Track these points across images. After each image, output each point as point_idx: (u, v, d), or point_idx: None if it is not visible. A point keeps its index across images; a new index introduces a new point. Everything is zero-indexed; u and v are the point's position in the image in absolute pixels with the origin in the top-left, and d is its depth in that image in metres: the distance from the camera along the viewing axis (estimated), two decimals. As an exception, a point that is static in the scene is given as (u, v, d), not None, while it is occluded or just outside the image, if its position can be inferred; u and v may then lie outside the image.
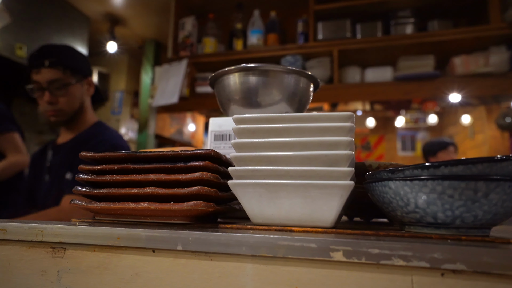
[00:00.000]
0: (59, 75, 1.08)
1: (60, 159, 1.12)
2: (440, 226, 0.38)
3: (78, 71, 1.14)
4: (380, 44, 1.98)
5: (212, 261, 0.37)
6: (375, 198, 0.42)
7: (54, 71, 1.08)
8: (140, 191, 0.43)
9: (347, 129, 0.41)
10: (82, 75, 1.16)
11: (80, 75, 1.15)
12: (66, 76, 1.10)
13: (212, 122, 0.66)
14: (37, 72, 1.08)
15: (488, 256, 0.29)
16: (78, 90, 1.14)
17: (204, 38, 2.29)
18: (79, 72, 1.14)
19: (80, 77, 1.15)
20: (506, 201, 0.35)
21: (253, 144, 0.43)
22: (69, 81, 1.10)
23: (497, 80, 1.80)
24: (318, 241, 0.34)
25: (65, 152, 1.12)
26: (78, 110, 1.15)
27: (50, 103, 1.09)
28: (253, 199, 0.42)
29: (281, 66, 0.61)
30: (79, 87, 1.15)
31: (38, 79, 1.08)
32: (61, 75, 1.09)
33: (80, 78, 1.14)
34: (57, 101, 1.09)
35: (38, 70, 1.08)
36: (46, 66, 1.07)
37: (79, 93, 1.14)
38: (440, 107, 3.33)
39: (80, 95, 1.15)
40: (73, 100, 1.12)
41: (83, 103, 1.17)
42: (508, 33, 1.78)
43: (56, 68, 1.08)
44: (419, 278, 0.32)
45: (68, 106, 1.11)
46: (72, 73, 1.11)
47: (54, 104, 1.09)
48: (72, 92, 1.12)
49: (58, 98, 1.09)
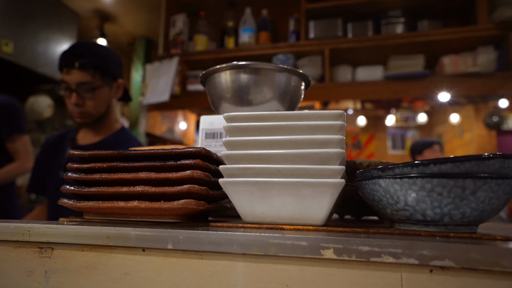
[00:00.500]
0: (88, 78, 1.05)
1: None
2: (429, 223, 0.38)
3: (108, 74, 1.10)
4: (371, 43, 1.99)
5: (203, 260, 0.37)
6: (365, 196, 0.43)
7: (83, 74, 1.04)
8: (130, 189, 0.43)
9: (337, 127, 0.41)
10: (112, 78, 1.12)
11: (110, 78, 1.11)
12: (95, 79, 1.06)
13: (203, 120, 0.65)
14: (67, 72, 1.05)
15: (475, 252, 0.30)
16: (106, 93, 1.11)
17: (196, 36, 2.28)
18: (109, 75, 1.10)
19: (110, 80, 1.11)
20: (492, 198, 0.36)
21: (244, 142, 0.43)
22: (98, 84, 1.07)
23: (484, 80, 1.83)
24: (309, 239, 0.34)
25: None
26: (104, 113, 1.12)
27: (77, 105, 1.06)
28: (244, 197, 0.42)
29: (272, 64, 0.61)
30: (107, 90, 1.11)
31: (67, 79, 1.05)
32: (91, 78, 1.05)
33: (109, 81, 1.11)
34: (84, 103, 1.06)
35: (68, 70, 1.04)
36: (76, 67, 1.03)
37: (107, 96, 1.11)
38: (429, 106, 3.37)
39: (108, 98, 1.12)
40: (100, 104, 1.09)
41: (110, 106, 1.14)
42: (496, 33, 1.81)
43: (86, 70, 1.04)
44: (408, 274, 0.32)
45: (94, 109, 1.08)
46: (102, 76, 1.08)
47: (81, 106, 1.06)
48: (100, 96, 1.08)
49: (85, 101, 1.06)
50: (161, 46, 2.37)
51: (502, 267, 0.29)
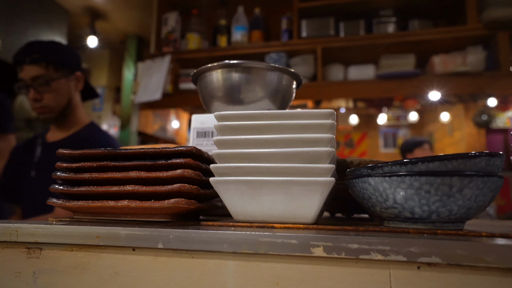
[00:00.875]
0: (41, 71, 1.06)
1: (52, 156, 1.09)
2: (417, 221, 0.39)
3: (63, 66, 1.11)
4: (362, 42, 2.01)
5: (194, 258, 0.37)
6: (355, 194, 0.43)
7: (36, 68, 1.06)
8: (120, 189, 0.42)
9: (328, 126, 0.41)
10: (69, 70, 1.13)
11: (66, 70, 1.12)
12: (49, 72, 1.08)
13: (195, 119, 0.65)
14: (21, 70, 1.06)
15: (461, 249, 0.30)
16: (63, 85, 1.11)
17: (188, 34, 2.27)
18: (64, 67, 1.11)
19: (66, 72, 1.12)
20: (479, 195, 0.36)
21: (235, 141, 0.43)
22: (53, 76, 1.08)
23: (473, 79, 1.86)
24: (299, 237, 0.34)
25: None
26: (66, 106, 1.13)
27: (35, 100, 1.07)
28: (235, 196, 0.42)
29: (264, 63, 0.61)
30: (65, 83, 1.12)
31: (22, 76, 1.06)
32: (44, 71, 1.07)
33: (66, 73, 1.12)
34: (42, 97, 1.07)
35: (22, 68, 1.06)
36: (28, 63, 1.05)
37: (65, 89, 1.12)
38: (420, 104, 3.41)
39: (67, 91, 1.12)
40: (59, 96, 1.10)
41: (72, 99, 1.14)
42: (484, 33, 1.84)
43: (38, 64, 1.06)
44: (397, 271, 0.33)
45: (54, 102, 1.09)
46: (56, 68, 1.09)
47: (39, 101, 1.07)
48: (58, 88, 1.09)
49: (43, 95, 1.07)
50: (153, 44, 2.35)
51: (487, 262, 0.30)
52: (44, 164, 1.10)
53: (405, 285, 0.32)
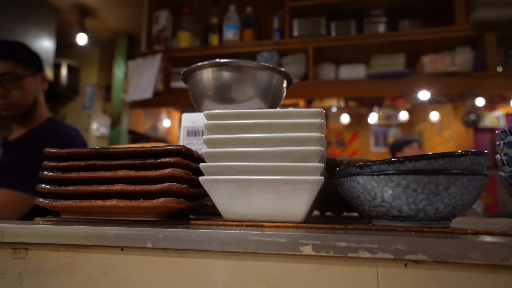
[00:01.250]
0: (11, 67, 1.07)
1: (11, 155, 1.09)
2: (404, 219, 0.39)
3: (31, 65, 1.12)
4: (353, 42, 2.02)
5: (183, 258, 0.37)
6: (344, 192, 0.44)
7: (5, 64, 1.06)
8: (108, 188, 0.42)
9: (317, 125, 0.41)
10: (36, 69, 1.14)
11: (33, 69, 1.13)
12: (18, 69, 1.08)
13: (185, 117, 0.65)
14: None
15: (446, 246, 0.31)
16: (31, 84, 1.12)
17: (179, 32, 2.25)
18: (32, 66, 1.13)
19: (33, 71, 1.13)
20: (464, 194, 0.37)
21: (225, 140, 0.43)
22: (22, 73, 1.09)
23: (462, 79, 1.89)
24: (288, 236, 0.34)
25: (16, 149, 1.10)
26: (32, 105, 1.13)
27: (2, 97, 1.07)
28: (224, 195, 0.42)
29: (254, 62, 0.61)
30: (33, 81, 1.13)
31: None
32: (13, 68, 1.07)
33: (33, 72, 1.13)
34: (9, 94, 1.07)
35: None
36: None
37: (32, 87, 1.12)
38: (410, 104, 3.45)
39: (34, 90, 1.13)
40: (26, 94, 1.10)
41: (37, 98, 1.15)
42: (472, 34, 1.86)
43: (7, 61, 1.07)
44: (384, 269, 0.33)
45: (21, 99, 1.09)
46: (24, 66, 1.10)
47: (6, 97, 1.07)
48: (25, 86, 1.10)
49: (11, 91, 1.07)
50: (144, 42, 2.33)
51: (471, 259, 0.30)
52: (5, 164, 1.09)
53: (392, 283, 0.33)
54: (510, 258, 0.29)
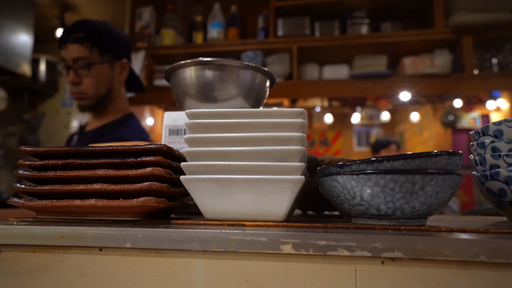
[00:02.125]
0: (84, 52, 0.97)
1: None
2: (382, 217, 0.40)
3: (108, 50, 1.01)
4: (337, 42, 2.05)
5: (163, 257, 0.37)
6: (324, 192, 0.44)
7: (80, 48, 0.97)
8: (86, 187, 0.41)
9: (298, 125, 0.42)
10: (114, 56, 1.03)
11: (111, 56, 1.02)
12: (92, 55, 0.98)
13: (167, 116, 0.64)
14: (64, 48, 0.98)
15: (421, 243, 0.32)
16: (106, 72, 1.01)
17: (163, 30, 2.22)
18: (109, 51, 1.01)
19: (111, 57, 1.02)
20: (439, 192, 0.38)
21: (206, 139, 0.43)
22: (94, 60, 0.99)
23: (440, 80, 1.94)
24: (268, 235, 0.35)
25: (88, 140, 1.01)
26: (105, 95, 1.03)
27: (73, 84, 0.98)
28: (205, 194, 0.42)
29: (237, 61, 0.61)
30: (108, 69, 1.02)
31: (64, 55, 0.98)
32: (87, 53, 0.97)
33: (110, 59, 1.02)
34: (80, 81, 0.98)
35: (65, 46, 0.98)
36: (71, 41, 0.96)
37: (107, 76, 1.02)
38: (392, 104, 3.52)
39: (108, 78, 1.02)
40: (98, 83, 1.00)
41: (112, 88, 1.04)
42: (451, 37, 1.92)
43: (83, 44, 0.97)
44: (362, 266, 0.34)
45: (92, 89, 0.99)
46: (100, 52, 0.99)
47: (77, 85, 0.99)
48: (98, 74, 1.00)
49: (82, 79, 0.98)
50: (126, 39, 2.29)
51: (444, 256, 0.31)
52: None
53: (370, 280, 0.33)
54: (480, 254, 0.31)
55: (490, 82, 1.90)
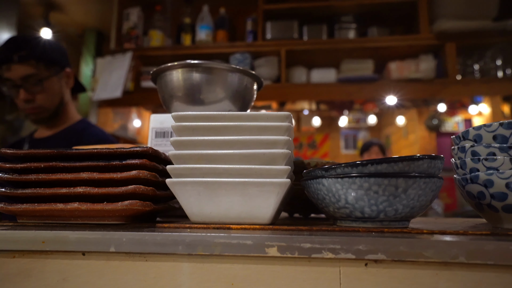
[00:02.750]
0: (32, 70, 0.98)
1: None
2: (366, 220, 0.41)
3: (53, 63, 1.03)
4: (325, 46, 2.07)
5: (148, 261, 0.37)
6: (310, 195, 0.45)
7: (26, 66, 0.97)
8: (70, 190, 0.41)
9: (284, 128, 0.42)
10: (59, 67, 1.06)
11: (57, 67, 1.05)
12: (40, 70, 0.99)
13: (153, 118, 0.64)
14: (7, 69, 0.97)
15: (404, 245, 0.33)
16: (56, 84, 1.04)
17: (151, 31, 2.21)
18: (55, 64, 1.04)
19: (57, 69, 1.05)
20: (421, 195, 0.39)
21: (192, 142, 0.43)
22: (44, 75, 1.00)
23: (425, 85, 1.98)
24: (254, 238, 0.35)
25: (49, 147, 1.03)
26: (59, 105, 1.06)
27: (27, 101, 0.99)
28: (191, 197, 0.42)
29: (224, 64, 0.61)
30: (57, 81, 1.05)
31: (10, 76, 0.97)
32: (34, 69, 0.98)
33: (57, 71, 1.04)
34: (34, 98, 0.99)
35: (8, 67, 0.97)
36: (16, 61, 0.96)
37: (57, 87, 1.05)
38: (378, 108, 3.58)
39: (59, 89, 1.06)
40: (51, 96, 1.03)
41: (63, 97, 1.08)
42: (435, 43, 1.97)
43: (28, 62, 0.97)
44: (346, 269, 0.34)
45: (47, 102, 1.02)
46: (46, 66, 1.01)
47: (32, 101, 0.99)
48: (50, 87, 1.02)
49: (35, 95, 0.99)
50: (113, 40, 2.26)
51: (426, 257, 0.32)
52: None
53: (354, 281, 0.34)
54: (459, 256, 0.31)
55: (472, 87, 1.95)
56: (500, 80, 1.96)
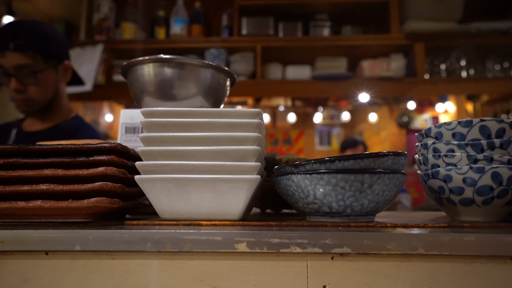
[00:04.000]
0: (27, 60, 0.91)
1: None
2: (334, 215, 0.42)
3: (51, 55, 0.96)
4: (300, 43, 2.09)
5: (115, 260, 0.36)
6: (281, 190, 0.45)
7: (21, 56, 0.90)
8: (32, 188, 0.39)
9: (255, 125, 0.42)
10: (57, 60, 0.98)
11: (55, 60, 0.98)
12: (36, 62, 0.93)
13: (123, 114, 0.62)
14: (1, 55, 0.90)
15: (367, 239, 0.34)
16: (51, 77, 0.97)
17: (123, 23, 2.14)
18: (53, 56, 0.97)
19: (55, 62, 0.98)
20: (385, 191, 0.40)
21: (162, 138, 0.42)
22: (40, 67, 0.93)
23: (395, 83, 2.05)
24: (223, 234, 0.35)
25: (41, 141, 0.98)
26: (52, 99, 0.99)
27: (18, 92, 0.92)
28: (161, 194, 0.42)
29: (197, 59, 0.61)
30: (53, 74, 0.98)
31: (3, 63, 0.90)
32: (30, 60, 0.91)
33: (54, 64, 0.98)
34: (26, 89, 0.93)
35: (3, 53, 0.90)
36: (11, 49, 0.89)
37: (52, 81, 0.98)
38: (352, 105, 3.66)
39: (54, 83, 0.98)
40: (45, 89, 0.96)
41: (58, 91, 1.01)
42: (405, 43, 2.03)
43: (25, 52, 0.90)
44: (313, 262, 0.35)
45: (39, 95, 0.95)
46: (44, 58, 0.94)
47: (23, 92, 0.92)
48: (44, 80, 0.95)
49: (27, 86, 0.93)
50: (83, 31, 2.18)
51: (388, 250, 0.33)
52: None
53: (320, 275, 0.35)
54: (419, 247, 0.33)
55: (439, 86, 2.04)
56: (464, 80, 2.06)
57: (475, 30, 1.94)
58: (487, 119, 0.43)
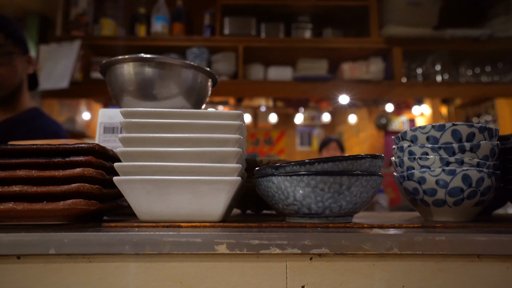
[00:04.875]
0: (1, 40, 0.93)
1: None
2: (313, 216, 0.43)
3: (21, 42, 0.98)
4: (281, 44, 2.10)
5: (91, 263, 0.35)
6: (261, 192, 0.46)
7: None
8: (3, 189, 0.38)
9: (236, 127, 0.43)
10: (24, 49, 1.00)
11: (22, 48, 0.99)
12: (8, 44, 0.94)
13: (102, 113, 0.61)
14: None
15: (345, 239, 0.35)
16: (20, 63, 0.99)
17: (102, 19, 2.09)
18: (22, 44, 0.99)
19: (23, 49, 0.99)
20: (363, 192, 0.42)
21: (142, 139, 0.42)
22: (12, 49, 0.95)
23: (374, 86, 2.10)
24: (203, 236, 0.35)
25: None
26: (17, 88, 0.99)
27: None
28: (140, 195, 0.41)
29: (178, 59, 0.60)
30: (22, 61, 0.99)
31: None
32: (3, 40, 0.93)
33: (22, 51, 0.99)
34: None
35: None
36: None
37: (21, 67, 0.99)
38: (332, 107, 3.72)
39: (21, 70, 1.00)
40: (14, 73, 0.97)
41: (22, 82, 1.01)
42: (383, 47, 2.09)
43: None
44: (292, 263, 0.36)
45: (8, 78, 0.96)
46: (14, 42, 0.96)
47: None
48: (15, 64, 0.96)
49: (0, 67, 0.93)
50: (59, 26, 2.11)
51: (364, 250, 0.34)
52: None
53: (299, 275, 0.35)
54: (394, 247, 0.34)
55: (415, 89, 2.10)
56: (439, 84, 2.14)
57: (449, 37, 2.02)
58: (459, 124, 0.45)
